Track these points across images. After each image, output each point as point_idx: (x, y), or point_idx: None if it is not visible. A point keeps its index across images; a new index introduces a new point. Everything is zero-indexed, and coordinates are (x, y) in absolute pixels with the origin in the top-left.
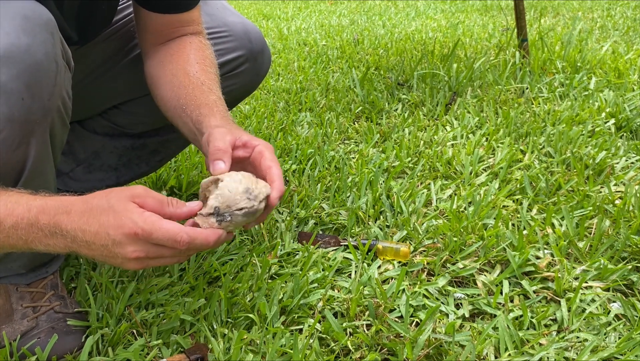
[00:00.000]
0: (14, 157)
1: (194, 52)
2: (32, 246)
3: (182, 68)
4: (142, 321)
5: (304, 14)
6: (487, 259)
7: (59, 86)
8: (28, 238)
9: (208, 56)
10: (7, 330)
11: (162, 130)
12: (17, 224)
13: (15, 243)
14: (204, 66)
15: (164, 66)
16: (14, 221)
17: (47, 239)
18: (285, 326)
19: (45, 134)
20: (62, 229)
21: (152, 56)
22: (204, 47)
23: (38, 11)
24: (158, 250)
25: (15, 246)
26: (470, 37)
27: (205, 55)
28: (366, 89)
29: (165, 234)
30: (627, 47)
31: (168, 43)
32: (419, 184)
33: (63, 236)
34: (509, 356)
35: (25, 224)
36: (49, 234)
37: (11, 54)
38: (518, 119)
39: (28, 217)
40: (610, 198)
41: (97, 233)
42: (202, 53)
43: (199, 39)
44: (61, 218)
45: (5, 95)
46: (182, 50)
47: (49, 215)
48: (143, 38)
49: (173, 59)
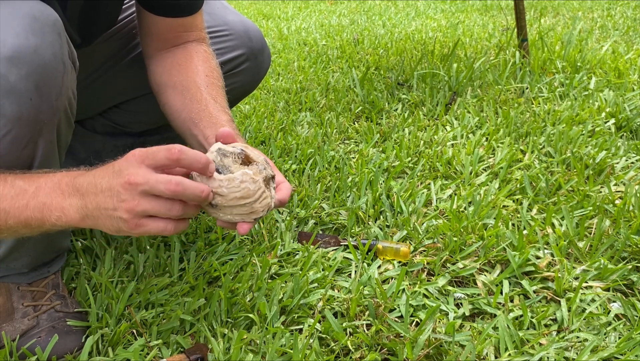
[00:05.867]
0: (22, 156)
1: (201, 63)
2: (47, 214)
3: (192, 80)
4: (142, 321)
5: (304, 14)
6: (487, 259)
7: (66, 86)
8: (47, 202)
9: (215, 68)
10: (8, 329)
11: (162, 128)
12: (41, 187)
13: (31, 214)
14: (212, 79)
15: (172, 76)
16: (37, 184)
17: (65, 199)
18: (285, 326)
19: (52, 133)
20: (80, 186)
21: (157, 62)
22: (210, 58)
23: (46, 12)
24: (153, 198)
25: (30, 219)
26: (470, 37)
27: (212, 67)
28: (366, 89)
29: (160, 155)
30: (627, 47)
31: (173, 50)
32: (419, 184)
33: (80, 194)
34: (509, 356)
35: (49, 187)
36: (67, 193)
37: (20, 55)
38: (518, 119)
39: (52, 180)
40: (610, 197)
41: (108, 188)
42: (209, 64)
43: (204, 48)
44: (79, 178)
45: (15, 95)
46: (189, 61)
47: (70, 177)
48: (146, 42)
49: (182, 69)
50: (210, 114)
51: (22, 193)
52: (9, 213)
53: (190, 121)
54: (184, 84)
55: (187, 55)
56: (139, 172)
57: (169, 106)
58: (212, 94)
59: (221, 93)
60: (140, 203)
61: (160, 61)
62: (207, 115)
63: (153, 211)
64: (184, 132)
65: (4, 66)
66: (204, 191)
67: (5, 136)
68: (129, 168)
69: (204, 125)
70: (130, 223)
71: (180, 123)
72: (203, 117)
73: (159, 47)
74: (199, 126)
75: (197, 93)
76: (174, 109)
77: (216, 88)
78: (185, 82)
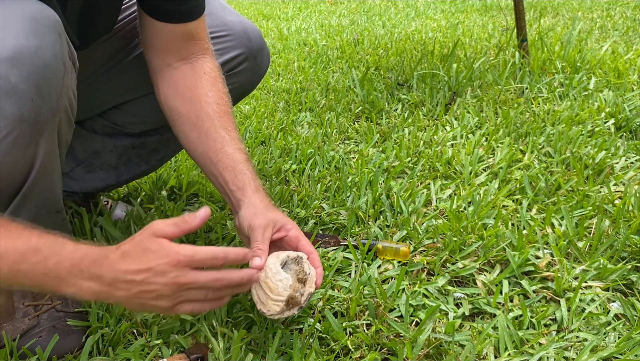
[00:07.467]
0: (23, 157)
1: (210, 86)
2: (62, 287)
3: (204, 112)
4: (142, 321)
5: (304, 14)
6: (486, 259)
7: (66, 86)
8: (65, 278)
9: (224, 92)
10: (9, 328)
11: (162, 129)
12: (61, 262)
13: (46, 281)
14: (223, 107)
15: (185, 105)
16: (57, 259)
17: (84, 281)
18: (285, 326)
19: (53, 134)
20: (103, 272)
21: (166, 81)
22: (217, 79)
23: (46, 13)
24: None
25: (45, 284)
26: (470, 37)
27: (222, 91)
28: (366, 89)
29: (206, 253)
30: (626, 47)
31: (180, 68)
32: (418, 184)
33: (101, 280)
34: (509, 356)
35: (69, 264)
36: (88, 277)
37: (21, 56)
38: (518, 119)
39: (73, 257)
40: (610, 197)
41: (138, 271)
42: (218, 88)
43: (210, 66)
44: (103, 262)
45: (16, 96)
46: (199, 86)
47: (91, 258)
48: (151, 55)
49: (193, 97)
50: (227, 155)
51: (43, 261)
52: (27, 276)
53: (209, 160)
54: (198, 115)
55: (196, 77)
56: (187, 276)
57: (185, 137)
58: (225, 126)
59: (232, 122)
60: (183, 295)
61: (168, 80)
62: (224, 156)
63: (193, 299)
64: (203, 167)
65: (4, 67)
66: (244, 277)
67: (6, 137)
68: (174, 271)
69: (222, 167)
70: (169, 311)
71: (197, 157)
72: (220, 158)
73: (166, 61)
74: (217, 168)
75: (211, 128)
76: (190, 141)
77: (227, 117)
78: (199, 114)
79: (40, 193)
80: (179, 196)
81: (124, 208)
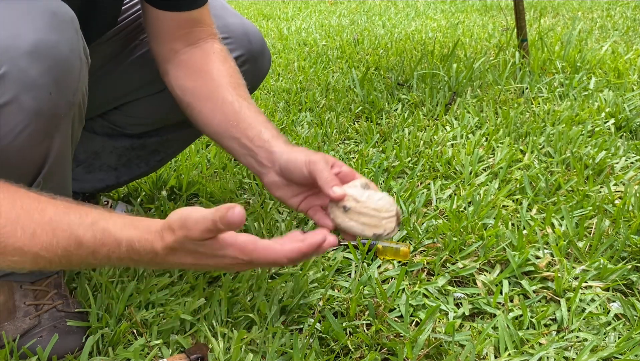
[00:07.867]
0: (38, 151)
1: (221, 63)
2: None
3: (218, 83)
4: (142, 321)
5: (304, 14)
6: (486, 259)
7: (82, 81)
8: (117, 261)
9: (234, 67)
10: (9, 328)
11: (162, 130)
12: (110, 254)
13: (90, 235)
14: (236, 79)
15: (197, 80)
16: (106, 251)
17: (134, 263)
18: (285, 325)
19: (68, 128)
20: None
21: (176, 66)
22: (227, 57)
23: (63, 8)
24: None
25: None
26: (470, 37)
27: (232, 66)
28: (366, 89)
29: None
30: (626, 47)
31: (189, 51)
32: (418, 184)
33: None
34: (509, 356)
35: (116, 258)
36: (142, 263)
37: (41, 50)
38: (518, 119)
39: (119, 252)
40: (610, 197)
41: (194, 264)
42: (229, 65)
43: (219, 46)
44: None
45: (35, 90)
46: (209, 63)
47: (139, 255)
48: (158, 46)
49: (204, 73)
50: (247, 116)
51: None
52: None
53: (228, 124)
54: (210, 89)
55: (206, 56)
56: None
57: (199, 113)
58: (240, 94)
59: (247, 92)
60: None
61: (177, 65)
62: (244, 116)
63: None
64: (220, 136)
65: (25, 61)
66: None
67: (23, 131)
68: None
69: (245, 127)
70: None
71: (215, 127)
72: (242, 118)
73: (173, 49)
74: (239, 129)
75: (226, 95)
76: (204, 116)
77: (242, 88)
78: (212, 87)
79: (52, 188)
80: (179, 196)
81: (124, 208)
